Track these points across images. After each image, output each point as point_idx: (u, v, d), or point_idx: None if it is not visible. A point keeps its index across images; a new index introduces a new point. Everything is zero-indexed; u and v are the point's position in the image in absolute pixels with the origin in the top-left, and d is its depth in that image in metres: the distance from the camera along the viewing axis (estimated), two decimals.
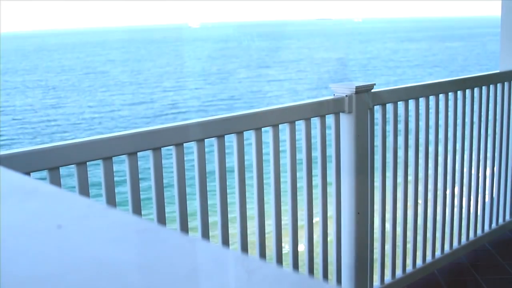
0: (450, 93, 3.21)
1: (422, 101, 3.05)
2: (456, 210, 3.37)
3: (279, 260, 2.49)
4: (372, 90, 2.75)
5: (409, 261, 3.10)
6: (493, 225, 3.65)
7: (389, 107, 2.88)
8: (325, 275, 2.72)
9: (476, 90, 3.40)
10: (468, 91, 3.34)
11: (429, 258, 3.21)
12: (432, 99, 3.11)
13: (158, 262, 0.58)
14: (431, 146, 3.14)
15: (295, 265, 2.56)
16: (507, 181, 3.69)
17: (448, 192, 3.29)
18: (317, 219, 2.65)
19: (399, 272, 3.06)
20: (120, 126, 21.10)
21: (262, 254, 2.42)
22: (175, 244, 0.63)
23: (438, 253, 3.27)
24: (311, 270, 2.63)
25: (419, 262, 3.16)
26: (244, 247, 2.36)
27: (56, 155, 1.83)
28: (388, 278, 3.01)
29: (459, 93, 3.28)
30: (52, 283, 0.54)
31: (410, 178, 3.04)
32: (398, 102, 2.92)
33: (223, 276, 0.57)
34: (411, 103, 3.00)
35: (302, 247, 2.68)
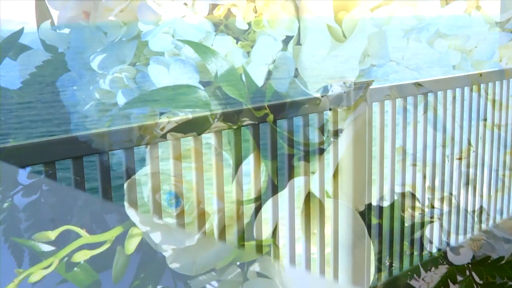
0: (448, 91, 3.20)
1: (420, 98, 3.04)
2: (453, 210, 3.35)
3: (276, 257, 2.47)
4: (371, 87, 2.73)
5: (406, 259, 3.09)
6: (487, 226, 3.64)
7: (388, 103, 2.87)
8: (322, 272, 2.70)
9: (474, 87, 3.38)
10: (466, 89, 3.32)
11: (426, 257, 3.20)
12: (430, 95, 3.09)
13: None
14: (429, 146, 3.12)
15: (292, 261, 2.54)
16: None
17: (445, 192, 3.28)
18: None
19: (396, 271, 3.05)
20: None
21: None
22: None
23: (434, 251, 3.26)
24: (307, 267, 2.61)
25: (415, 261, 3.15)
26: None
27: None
28: (385, 275, 3.00)
29: (458, 90, 3.26)
30: None
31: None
32: (396, 99, 2.91)
33: None
34: (409, 100, 2.98)
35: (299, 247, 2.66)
